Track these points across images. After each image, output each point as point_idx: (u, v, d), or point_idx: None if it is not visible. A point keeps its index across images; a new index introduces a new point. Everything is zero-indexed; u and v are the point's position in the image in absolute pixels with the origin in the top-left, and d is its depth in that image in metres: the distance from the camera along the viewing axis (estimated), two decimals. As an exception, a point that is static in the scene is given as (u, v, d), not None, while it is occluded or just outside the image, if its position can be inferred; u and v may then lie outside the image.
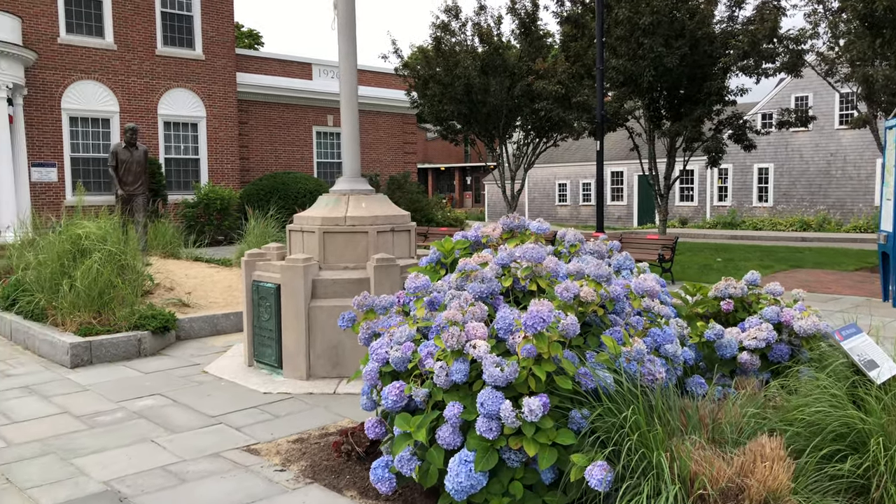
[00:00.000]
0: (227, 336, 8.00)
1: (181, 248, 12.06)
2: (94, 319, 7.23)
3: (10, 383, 6.14)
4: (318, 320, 5.98)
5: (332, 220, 6.24)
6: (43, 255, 7.96)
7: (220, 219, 20.67)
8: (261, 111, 24.14)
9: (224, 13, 22.58)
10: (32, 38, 18.78)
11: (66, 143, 19.65)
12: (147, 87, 21.05)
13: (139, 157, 10.52)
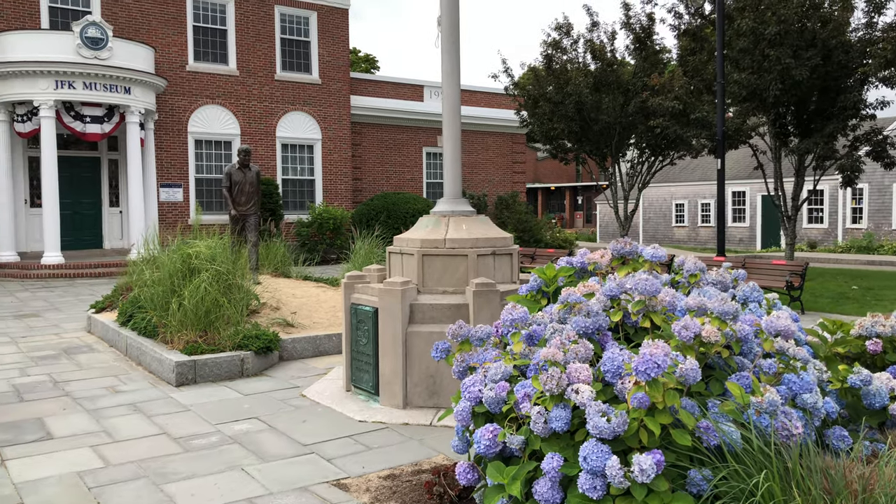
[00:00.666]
0: (329, 358, 7.92)
1: (291, 266, 12.25)
2: (200, 338, 7.33)
3: (119, 400, 6.26)
4: (416, 347, 5.74)
5: (432, 242, 6.01)
6: (157, 273, 8.19)
7: (332, 238, 21.08)
8: (373, 132, 24.56)
9: (339, 39, 23.19)
10: (164, 66, 19.92)
11: (192, 164, 20.66)
12: (266, 111, 21.85)
13: (252, 178, 10.75)
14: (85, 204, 19.57)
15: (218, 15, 21.03)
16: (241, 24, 21.31)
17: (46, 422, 5.59)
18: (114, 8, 19.23)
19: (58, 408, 5.99)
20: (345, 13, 23.35)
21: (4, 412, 5.87)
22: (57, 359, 8.03)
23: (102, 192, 19.79)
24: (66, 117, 17.19)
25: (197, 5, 20.66)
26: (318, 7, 22.71)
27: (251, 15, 21.48)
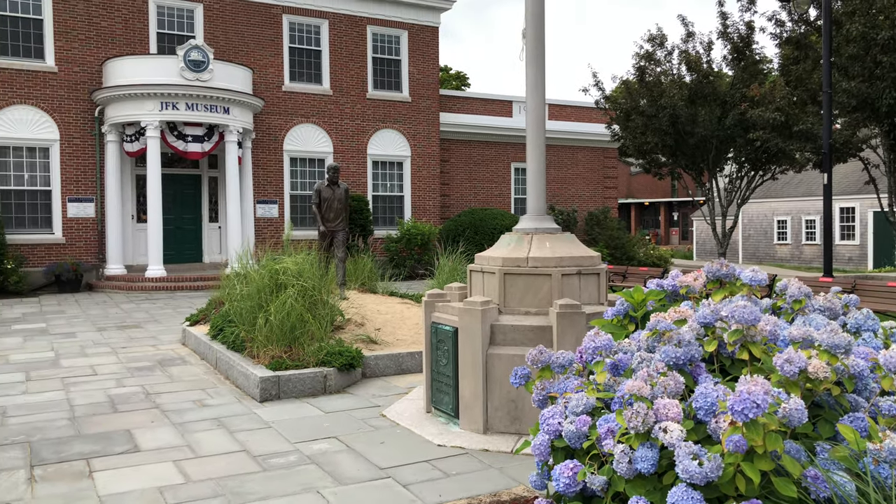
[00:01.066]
0: (411, 376, 7.83)
1: (378, 282, 12.30)
2: (285, 353, 7.38)
3: (204, 414, 6.36)
4: (496, 369, 5.55)
5: (513, 260, 5.82)
6: (246, 288, 8.34)
7: (420, 253, 21.16)
8: (462, 149, 24.58)
9: (430, 57, 23.39)
10: (261, 86, 20.62)
11: (287, 181, 21.24)
12: (358, 129, 22.25)
13: (340, 194, 10.88)
14: (186, 219, 20.42)
15: (313, 36, 21.62)
16: (335, 45, 21.82)
17: (135, 434, 5.72)
18: (215, 32, 20.08)
19: (147, 420, 6.13)
20: (435, 31, 23.55)
21: (98, 423, 6.06)
22: (151, 370, 8.29)
23: (203, 208, 20.61)
24: (169, 137, 18.02)
25: (293, 27, 21.31)
26: (408, 26, 23.00)
27: (344, 35, 21.97)
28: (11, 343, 10.28)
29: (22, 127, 17.99)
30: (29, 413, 6.37)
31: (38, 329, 11.63)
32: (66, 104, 18.42)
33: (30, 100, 18.06)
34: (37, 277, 17.86)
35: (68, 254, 18.42)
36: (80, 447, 5.37)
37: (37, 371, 8.24)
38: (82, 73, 18.54)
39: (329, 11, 21.70)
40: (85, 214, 18.72)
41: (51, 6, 18.16)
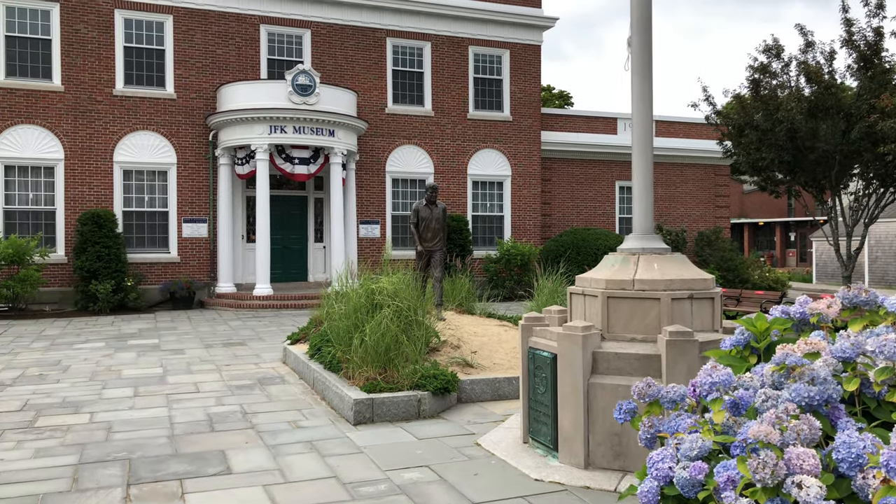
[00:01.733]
0: (508, 403, 7.51)
1: (475, 303, 12.06)
2: (379, 375, 7.25)
3: (298, 436, 6.28)
4: (599, 400, 5.17)
5: (618, 282, 5.44)
6: (343, 308, 8.30)
7: (520, 274, 20.81)
8: (564, 167, 24.13)
9: (531, 76, 23.15)
10: (365, 109, 20.99)
11: (388, 202, 21.47)
12: (459, 149, 22.24)
13: (438, 214, 10.75)
14: (293, 239, 20.96)
15: (415, 58, 21.86)
16: (437, 66, 21.97)
17: (228, 455, 5.70)
18: (322, 56, 20.63)
19: (241, 441, 6.12)
20: (537, 50, 23.31)
21: (195, 442, 6.09)
22: (251, 389, 8.36)
23: (308, 229, 21.10)
24: (277, 159, 18.58)
25: (396, 50, 21.62)
26: (510, 45, 22.88)
27: (446, 57, 22.09)
28: (126, 358, 10.70)
29: (144, 152, 19.03)
30: (132, 429, 6.50)
31: (151, 345, 12.09)
32: (183, 129, 19.35)
33: (151, 125, 19.09)
34: (153, 294, 18.76)
35: (182, 272, 19.25)
36: (175, 467, 5.38)
37: (145, 387, 8.49)
38: (198, 99, 19.45)
39: (432, 34, 21.89)
40: (198, 234, 19.53)
41: (172, 37, 19.20)
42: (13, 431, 6.43)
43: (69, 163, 18.35)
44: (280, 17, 20.25)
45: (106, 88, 18.63)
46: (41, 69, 18.20)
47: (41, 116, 18.11)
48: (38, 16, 18.16)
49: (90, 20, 18.48)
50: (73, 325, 15.11)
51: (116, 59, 18.72)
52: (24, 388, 8.40)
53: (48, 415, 7.05)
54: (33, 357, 10.81)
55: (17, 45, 18.00)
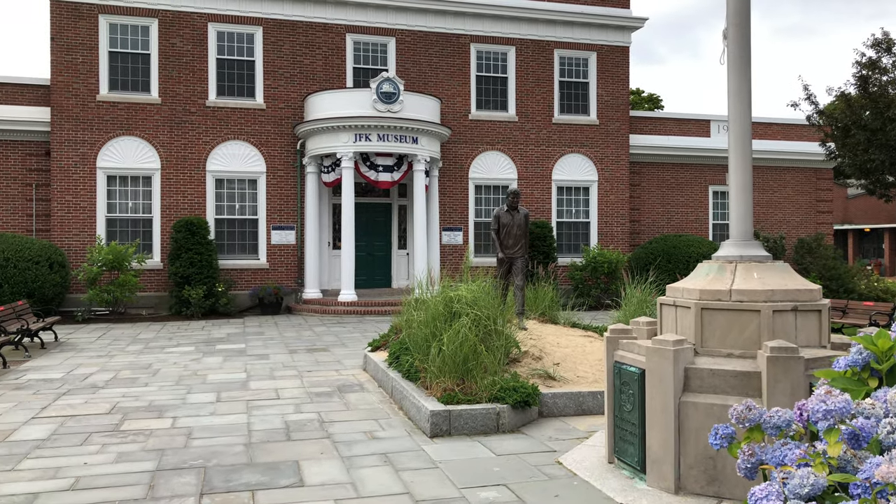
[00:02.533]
0: (592, 418, 7.14)
1: (559, 312, 11.68)
2: (457, 386, 7.02)
3: (373, 448, 6.13)
4: (691, 420, 4.76)
5: (713, 293, 5.01)
6: (422, 315, 8.13)
7: (607, 282, 20.22)
8: (653, 172, 23.33)
9: (619, 78, 22.52)
10: (448, 115, 20.91)
11: (471, 208, 21.30)
12: (543, 154, 21.85)
13: (520, 220, 10.45)
14: (377, 246, 21.08)
15: (499, 63, 21.63)
16: (521, 71, 21.67)
17: (302, 466, 5.59)
18: (406, 63, 20.70)
19: (316, 451, 6.01)
20: (625, 51, 22.66)
21: (270, 451, 6.03)
22: (330, 396, 8.30)
23: (392, 236, 21.18)
24: (362, 167, 18.73)
25: (480, 56, 21.46)
26: (597, 47, 22.33)
27: (531, 61, 21.76)
28: (212, 363, 10.91)
29: (236, 161, 19.56)
30: (211, 436, 6.51)
31: (237, 350, 12.31)
32: (272, 138, 19.79)
33: (242, 135, 19.62)
34: (243, 300, 19.22)
35: (271, 278, 19.65)
36: (248, 477, 5.32)
37: (227, 392, 8.57)
38: (286, 108, 19.86)
39: (516, 38, 21.62)
40: (286, 241, 19.91)
41: (261, 48, 19.69)
42: (100, 434, 6.56)
43: (165, 172, 19.06)
44: (365, 25, 20.45)
45: (199, 100, 19.28)
46: (140, 83, 19.01)
47: (140, 128, 18.90)
48: (138, 31, 18.99)
49: (185, 34, 19.17)
50: (167, 329, 15.62)
51: (209, 71, 19.34)
52: (115, 391, 8.63)
53: (133, 418, 7.18)
54: (127, 360, 11.17)
55: (118, 60, 18.87)
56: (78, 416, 7.27)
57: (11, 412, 7.51)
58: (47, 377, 9.60)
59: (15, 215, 18.41)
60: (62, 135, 18.35)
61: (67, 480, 5.24)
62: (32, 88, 18.62)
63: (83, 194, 18.46)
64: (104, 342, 13.26)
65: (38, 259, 16.29)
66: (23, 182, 18.46)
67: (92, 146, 18.52)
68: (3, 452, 5.98)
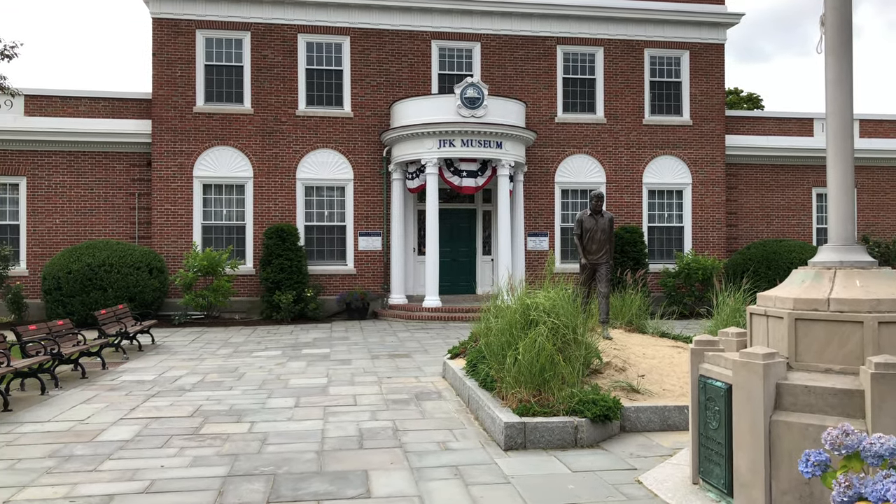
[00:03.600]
0: (677, 434, 6.72)
1: (647, 320, 11.19)
2: (533, 397, 6.77)
3: (444, 459, 5.96)
4: (784, 441, 4.35)
5: (809, 302, 4.57)
6: (499, 323, 7.92)
7: (701, 290, 19.38)
8: (751, 174, 22.22)
9: (713, 76, 21.60)
10: (534, 119, 20.61)
11: (557, 213, 20.89)
12: (633, 157, 21.20)
13: (604, 224, 10.07)
14: (462, 252, 20.99)
15: (587, 65, 21.16)
16: (610, 72, 21.12)
17: (371, 476, 5.49)
18: (491, 68, 20.55)
19: (387, 461, 5.90)
20: (720, 49, 21.72)
21: (341, 459, 5.97)
22: (406, 404, 8.20)
23: (476, 241, 21.04)
24: (446, 173, 18.69)
25: (567, 58, 21.05)
26: (690, 45, 21.50)
27: (620, 61, 21.18)
28: (296, 367, 11.05)
29: (324, 168, 19.94)
30: (285, 442, 6.52)
31: (322, 354, 12.44)
32: (359, 146, 20.05)
33: (330, 143, 19.97)
34: (331, 305, 19.53)
35: (358, 284, 19.89)
36: (316, 486, 5.25)
37: (306, 398, 8.62)
38: (373, 116, 20.08)
39: (604, 38, 21.10)
40: (373, 247, 20.11)
41: (349, 57, 20.00)
42: (179, 437, 6.68)
43: (257, 180, 19.63)
44: (450, 31, 20.43)
45: (290, 109, 19.76)
46: (234, 94, 19.67)
47: (234, 138, 19.55)
48: (232, 45, 19.66)
49: (276, 46, 19.71)
50: (257, 333, 16.01)
51: (299, 81, 19.80)
52: (200, 394, 8.84)
53: (213, 422, 7.30)
54: (216, 363, 11.47)
55: (214, 73, 19.59)
56: (162, 419, 7.45)
57: (103, 412, 7.79)
58: (140, 379, 9.96)
59: (119, 223, 19.40)
60: (162, 146, 19.20)
61: (143, 483, 5.33)
62: (135, 103, 19.59)
63: (181, 202, 19.25)
64: (197, 346, 13.71)
65: (139, 265, 17.07)
66: (126, 191, 19.43)
67: (189, 156, 19.29)
68: (89, 452, 6.17)
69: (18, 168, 19.02)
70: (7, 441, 6.58)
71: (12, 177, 19.03)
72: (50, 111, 19.21)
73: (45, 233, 19.10)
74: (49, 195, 19.13)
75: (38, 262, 18.94)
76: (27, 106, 19.10)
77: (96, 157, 19.35)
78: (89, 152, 19.31)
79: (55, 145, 19.11)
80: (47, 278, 16.79)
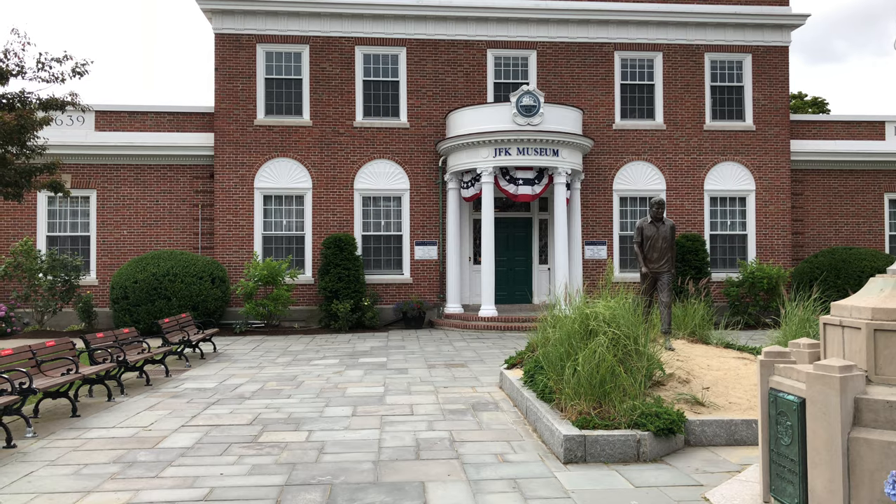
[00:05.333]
0: (745, 449, 6.46)
1: (711, 331, 10.86)
2: (593, 410, 6.60)
3: (502, 472, 5.86)
4: (864, 460, 4.11)
5: (889, 312, 4.32)
6: (557, 333, 7.78)
7: (766, 299, 18.78)
8: (818, 180, 21.45)
9: (777, 80, 20.98)
10: (591, 126, 20.36)
11: (616, 221, 20.55)
12: (694, 163, 20.72)
13: (665, 232, 9.82)
14: (518, 261, 20.83)
15: (645, 71, 20.82)
16: (669, 77, 20.72)
17: (427, 488, 5.42)
18: (547, 75, 20.40)
19: (443, 472, 5.83)
20: (784, 51, 21.08)
21: (397, 470, 5.92)
22: (463, 414, 8.13)
23: (533, 250, 20.85)
24: (501, 181, 18.59)
25: (625, 64, 20.75)
26: (752, 49, 20.93)
27: (679, 66, 20.76)
28: (353, 376, 11.09)
29: (381, 179, 20.08)
30: (342, 451, 6.51)
31: (379, 363, 12.47)
32: (416, 156, 20.14)
33: (387, 154, 20.12)
34: (387, 314, 19.62)
35: (414, 293, 19.93)
36: (372, 496, 5.22)
37: (363, 406, 8.62)
38: (429, 126, 20.15)
39: (663, 43, 20.72)
40: (429, 256, 20.13)
41: (405, 68, 20.14)
42: (238, 445, 6.75)
43: (316, 191, 19.89)
44: (506, 40, 20.38)
45: (347, 121, 19.99)
46: (293, 107, 20.01)
47: (293, 150, 19.88)
48: (291, 58, 20.02)
49: (334, 58, 19.99)
50: (316, 341, 16.18)
51: (356, 93, 20.03)
52: (259, 402, 8.94)
53: (271, 430, 7.36)
54: (275, 371, 11.61)
55: (273, 86, 19.99)
56: (222, 426, 7.56)
57: (165, 419, 7.95)
58: (201, 386, 10.15)
59: (183, 234, 19.91)
60: (224, 158, 19.66)
61: (202, 490, 5.39)
62: (198, 116, 20.13)
63: (242, 213, 19.65)
64: (256, 354, 13.92)
65: (201, 274, 17.47)
66: (190, 203, 19.94)
67: (250, 168, 19.69)
68: (151, 459, 6.29)
69: (89, 181, 19.74)
70: (74, 446, 6.76)
71: (84, 189, 19.75)
72: (118, 126, 19.90)
73: (113, 244, 19.75)
74: (117, 207, 19.78)
75: (107, 272, 19.58)
76: (98, 121, 19.82)
77: (161, 169, 19.93)
78: (155, 165, 19.91)
79: (123, 159, 19.77)
80: (115, 288, 17.34)
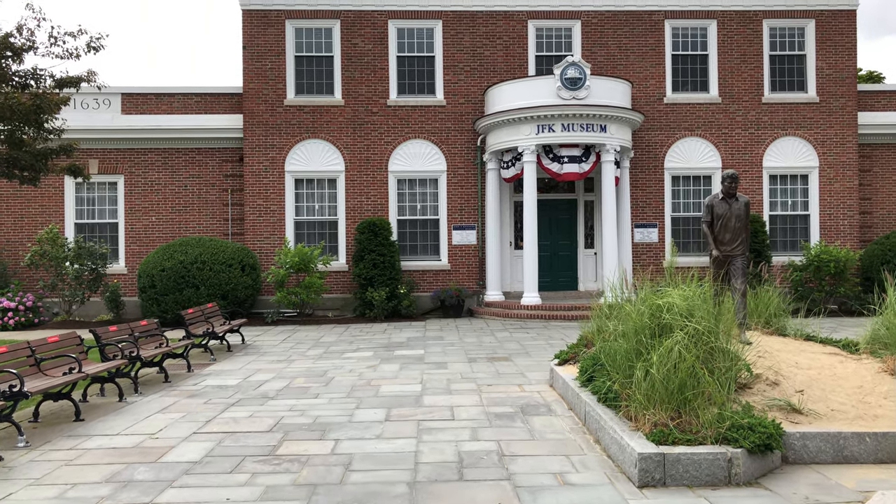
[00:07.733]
0: (860, 469, 5.32)
1: (787, 320, 9.64)
2: (671, 420, 5.53)
3: (563, 498, 4.83)
4: None
5: None
6: (620, 326, 6.70)
7: (832, 285, 17.35)
8: (889, 155, 19.84)
9: (843, 47, 19.36)
10: (640, 100, 19.05)
11: (668, 202, 19.25)
12: (751, 139, 19.28)
13: (738, 210, 8.62)
14: (562, 246, 19.68)
15: (698, 40, 19.39)
16: (724, 47, 19.26)
17: (474, 521, 4.44)
18: (593, 47, 19.12)
19: (493, 499, 4.82)
20: (851, 15, 19.44)
21: (436, 495, 4.93)
22: (511, 419, 7.11)
23: (578, 234, 19.67)
24: (544, 160, 17.43)
25: (676, 33, 19.35)
26: (816, 14, 19.33)
27: (735, 34, 19.28)
28: (388, 371, 10.16)
29: (416, 160, 19.06)
30: (372, 468, 5.55)
31: (416, 357, 11.52)
32: (452, 136, 19.07)
33: (422, 134, 19.08)
34: (424, 302, 18.66)
35: (452, 280, 18.93)
36: (407, 533, 4.25)
37: (398, 409, 7.67)
38: (466, 104, 19.05)
39: (717, 10, 19.25)
40: (467, 242, 19.10)
41: (441, 42, 19.04)
42: (253, 460, 5.84)
43: (349, 174, 18.98)
44: (548, 10, 19.13)
45: (380, 100, 18.99)
46: (325, 85, 19.07)
47: (324, 130, 18.97)
48: (321, 34, 19.07)
49: (366, 33, 18.98)
50: (349, 331, 15.32)
51: (390, 69, 19.00)
52: (284, 403, 8.05)
53: (293, 439, 6.44)
54: (304, 366, 10.74)
55: (304, 64, 19.06)
56: (237, 434, 6.66)
57: (177, 425, 7.09)
58: (223, 383, 9.31)
59: (213, 219, 19.19)
60: (253, 140, 18.84)
61: (202, 523, 4.48)
62: (226, 97, 19.32)
63: (273, 198, 18.84)
64: (287, 346, 13.09)
65: (231, 262, 16.70)
66: (220, 188, 19.19)
67: (280, 150, 18.85)
68: (150, 478, 5.41)
69: (116, 166, 19.11)
70: (68, 459, 5.92)
71: (111, 175, 19.13)
72: (145, 109, 19.20)
73: (141, 230, 19.12)
74: (145, 193, 19.13)
75: (135, 260, 18.97)
76: (124, 104, 19.15)
77: (189, 153, 19.20)
78: (183, 149, 19.19)
79: (150, 143, 19.08)
80: (142, 276, 16.68)
